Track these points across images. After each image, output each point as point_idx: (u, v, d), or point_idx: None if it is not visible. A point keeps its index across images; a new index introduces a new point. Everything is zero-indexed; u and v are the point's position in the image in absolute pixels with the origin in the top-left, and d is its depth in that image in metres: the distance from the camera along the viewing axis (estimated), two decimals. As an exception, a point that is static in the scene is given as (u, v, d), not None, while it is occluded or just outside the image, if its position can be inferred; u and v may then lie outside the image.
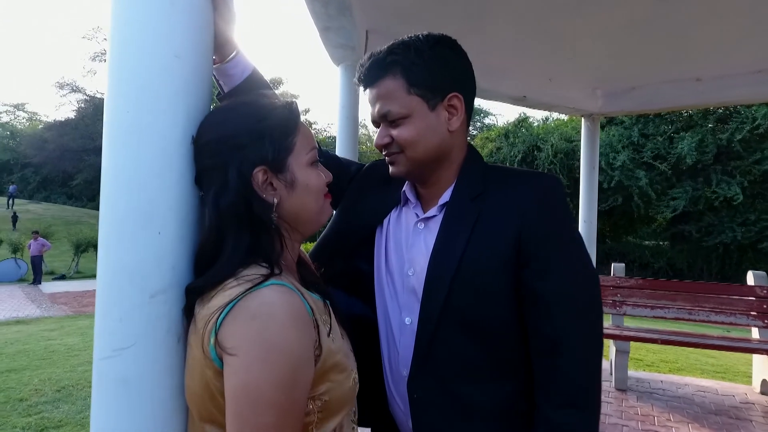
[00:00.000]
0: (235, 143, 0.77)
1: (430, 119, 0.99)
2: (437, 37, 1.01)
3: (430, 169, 1.04)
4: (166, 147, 0.76)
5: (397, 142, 1.00)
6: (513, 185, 1.01)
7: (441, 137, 1.01)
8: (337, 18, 2.75)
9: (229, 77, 0.99)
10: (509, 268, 0.96)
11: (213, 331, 0.68)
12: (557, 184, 1.01)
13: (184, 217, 0.78)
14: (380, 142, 1.02)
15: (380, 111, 0.99)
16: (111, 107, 0.76)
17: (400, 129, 0.99)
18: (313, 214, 0.86)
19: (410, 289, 1.05)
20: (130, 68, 0.76)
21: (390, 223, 1.14)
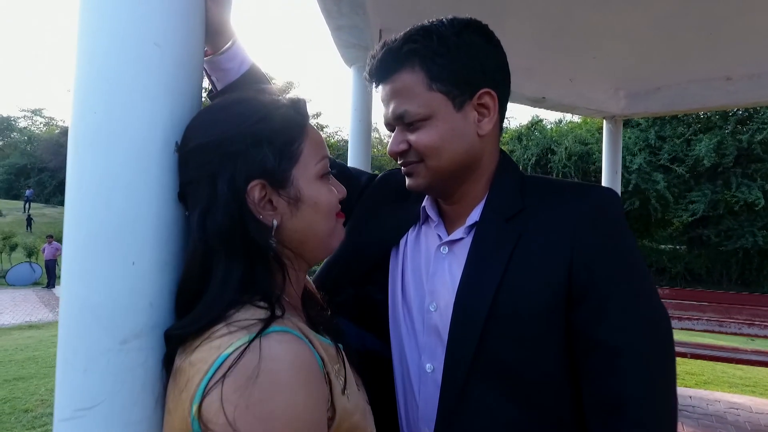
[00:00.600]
0: (226, 151, 0.62)
1: (455, 121, 0.82)
2: (465, 21, 0.83)
3: (455, 182, 0.87)
4: (142, 155, 0.62)
5: (416, 149, 0.83)
6: (560, 202, 0.82)
7: (469, 143, 0.83)
8: (350, 16, 2.62)
9: (223, 72, 0.84)
10: (558, 308, 0.78)
11: (196, 397, 0.53)
12: (615, 200, 0.83)
13: (165, 242, 0.64)
14: (395, 148, 0.84)
15: (395, 111, 0.82)
16: (76, 106, 0.62)
17: (419, 133, 0.82)
18: (322, 238, 0.71)
19: (432, 328, 0.87)
20: (98, 59, 0.61)
21: (407, 244, 0.96)
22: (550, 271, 0.78)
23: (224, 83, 0.85)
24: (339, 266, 0.98)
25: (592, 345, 0.76)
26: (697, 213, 18.44)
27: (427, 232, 0.95)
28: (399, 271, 0.95)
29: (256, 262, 0.63)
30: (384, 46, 0.84)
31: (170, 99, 0.64)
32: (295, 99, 0.69)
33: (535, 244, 0.80)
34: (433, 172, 0.84)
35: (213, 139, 0.63)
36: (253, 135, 0.63)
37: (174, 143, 0.65)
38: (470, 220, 0.87)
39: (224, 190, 0.61)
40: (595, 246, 0.78)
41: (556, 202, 0.83)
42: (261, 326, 0.56)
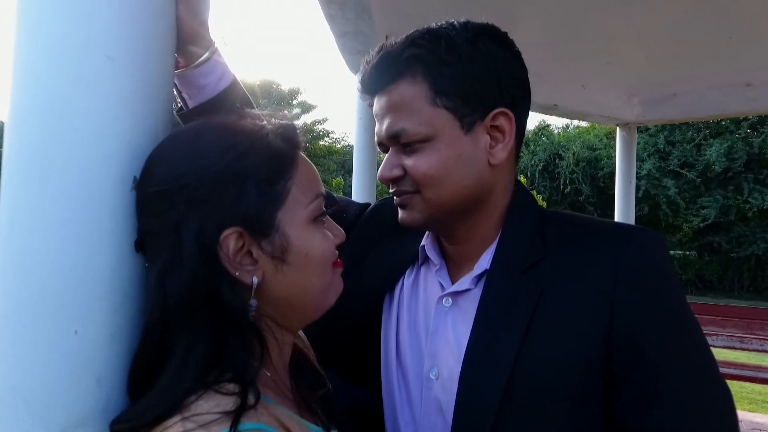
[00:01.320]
0: (194, 194, 0.50)
1: (462, 145, 0.68)
2: (480, 25, 0.70)
3: (458, 219, 0.72)
4: (90, 195, 0.50)
5: (412, 175, 0.68)
6: (592, 249, 0.67)
7: (477, 172, 0.69)
8: (355, 22, 2.52)
9: (197, 89, 0.71)
10: (592, 389, 0.63)
11: None
12: (663, 247, 0.67)
13: (118, 303, 0.51)
14: (387, 174, 0.70)
15: (390, 128, 0.68)
16: (9, 133, 0.50)
17: (417, 157, 0.68)
18: (315, 296, 0.58)
19: (432, 401, 0.72)
20: (35, 76, 0.49)
21: (403, 290, 0.81)
22: (581, 341, 0.63)
23: (197, 101, 0.72)
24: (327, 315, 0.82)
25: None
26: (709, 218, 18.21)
27: (427, 277, 0.80)
28: (393, 324, 0.80)
29: (229, 333, 0.50)
30: (381, 50, 0.70)
31: (127, 124, 0.52)
32: (284, 124, 0.56)
33: (561, 306, 0.65)
34: (432, 206, 0.69)
35: (178, 178, 0.50)
36: (229, 174, 0.51)
37: (132, 178, 0.52)
38: (479, 267, 0.72)
39: (190, 242, 0.49)
40: (642, 309, 0.62)
41: (588, 248, 0.67)
42: (226, 424, 0.43)
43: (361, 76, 0.72)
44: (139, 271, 0.53)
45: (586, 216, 0.75)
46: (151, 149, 0.54)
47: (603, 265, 0.65)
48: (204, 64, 0.68)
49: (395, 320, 0.80)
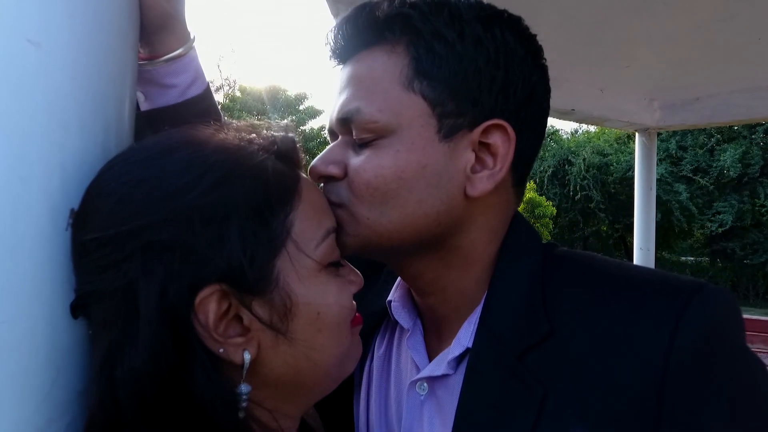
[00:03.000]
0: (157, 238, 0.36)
1: (433, 154, 0.50)
2: (495, 10, 0.52)
3: (413, 260, 0.54)
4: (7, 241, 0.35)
5: (351, 181, 0.50)
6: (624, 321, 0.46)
7: (445, 201, 0.50)
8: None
9: (159, 89, 0.55)
10: None
11: None
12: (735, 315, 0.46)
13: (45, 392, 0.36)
14: (321, 168, 0.51)
15: (343, 108, 0.51)
16: None
17: (366, 156, 0.50)
18: (328, 368, 0.44)
19: None
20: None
21: (373, 363, 0.64)
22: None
23: (156, 104, 0.56)
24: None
25: None
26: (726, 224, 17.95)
27: (400, 346, 0.62)
28: (364, 410, 0.63)
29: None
30: (363, 7, 0.52)
31: (60, 137, 0.37)
32: (279, 138, 0.42)
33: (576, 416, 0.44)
34: (369, 230, 0.50)
35: (131, 217, 0.36)
36: (205, 210, 0.36)
37: (68, 212, 0.38)
38: (458, 343, 0.53)
39: (150, 311, 0.34)
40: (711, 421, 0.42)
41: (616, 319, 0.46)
42: None
43: (331, 35, 0.54)
44: (76, 343, 0.39)
45: (613, 261, 0.53)
46: (97, 169, 0.39)
47: (641, 351, 0.44)
48: (176, 61, 0.53)
49: (365, 403, 0.63)
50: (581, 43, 2.96)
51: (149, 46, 0.53)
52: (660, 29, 2.80)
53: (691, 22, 2.70)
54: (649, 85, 3.80)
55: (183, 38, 0.54)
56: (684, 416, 0.42)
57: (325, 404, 0.54)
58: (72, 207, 0.38)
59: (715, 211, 18.45)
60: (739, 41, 2.91)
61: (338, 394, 0.55)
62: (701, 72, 3.52)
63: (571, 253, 0.55)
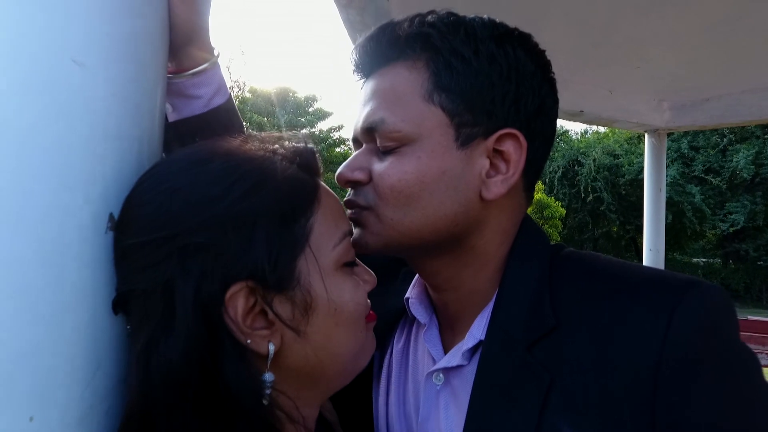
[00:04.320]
0: (188, 240, 0.39)
1: (451, 160, 0.54)
2: (510, 28, 0.57)
3: (432, 257, 0.58)
4: (52, 243, 0.39)
5: (377, 185, 0.54)
6: (624, 314, 0.49)
7: (462, 203, 0.55)
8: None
9: (185, 100, 0.59)
10: None
11: None
12: (727, 310, 0.48)
13: (88, 382, 0.40)
14: (348, 174, 0.56)
15: (368, 118, 0.55)
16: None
17: (390, 162, 0.54)
18: (345, 361, 0.48)
19: None
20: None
21: (393, 356, 0.67)
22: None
23: (182, 115, 0.60)
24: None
25: None
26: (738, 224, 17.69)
27: (418, 339, 0.66)
28: (383, 401, 0.67)
29: (235, 422, 0.39)
30: (386, 26, 0.57)
31: (101, 150, 0.41)
32: (300, 149, 0.45)
33: (579, 401, 0.48)
34: (393, 230, 0.54)
35: (167, 223, 0.40)
36: (234, 217, 0.40)
37: (108, 217, 0.41)
38: (471, 337, 0.57)
39: (186, 304, 0.38)
40: (703, 410, 0.45)
41: (617, 313, 0.50)
42: None
43: (355, 52, 0.59)
44: (116, 337, 0.42)
45: (616, 261, 0.56)
46: (134, 177, 0.43)
47: (639, 342, 0.47)
48: (201, 74, 0.57)
49: (385, 394, 0.67)
50: (590, 44, 2.97)
51: (176, 60, 0.57)
52: (669, 30, 2.80)
53: (700, 23, 2.69)
54: (658, 85, 3.78)
55: (208, 53, 0.58)
56: (677, 402, 0.44)
57: (344, 396, 0.57)
58: (111, 212, 0.42)
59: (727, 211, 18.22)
60: (748, 41, 2.90)
61: (357, 387, 0.60)
62: (711, 72, 3.50)
63: (576, 253, 0.59)
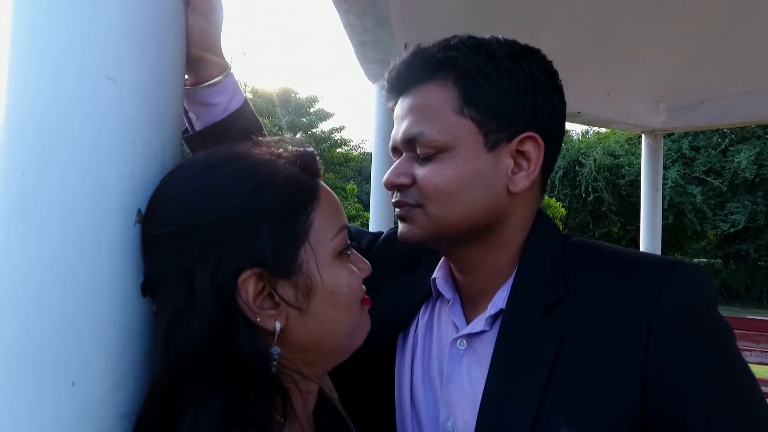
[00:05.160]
0: (207, 234, 0.46)
1: (482, 162, 0.63)
2: (525, 46, 0.66)
3: (466, 245, 0.67)
4: (87, 230, 0.45)
5: (421, 187, 0.63)
6: (623, 287, 0.59)
7: (493, 197, 0.64)
8: (374, 31, 2.49)
9: (206, 108, 0.66)
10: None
11: None
12: (706, 285, 0.59)
13: (120, 353, 0.46)
14: (394, 180, 0.65)
15: (408, 131, 0.64)
16: (2, 165, 0.46)
17: (431, 167, 0.62)
18: (342, 338, 0.53)
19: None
20: (28, 101, 0.45)
21: (417, 329, 0.75)
22: (610, 394, 0.56)
23: (205, 122, 0.67)
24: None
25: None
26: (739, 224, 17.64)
27: (441, 314, 0.74)
28: (408, 367, 0.75)
29: (248, 387, 0.45)
30: (416, 50, 0.66)
31: (130, 152, 0.47)
32: (302, 152, 0.52)
33: (586, 353, 0.58)
34: (436, 223, 0.64)
35: (188, 218, 0.46)
36: (245, 213, 0.46)
37: (136, 211, 0.48)
38: (493, 306, 0.66)
39: (205, 287, 0.44)
40: (685, 359, 0.55)
41: (617, 286, 0.60)
42: None
43: (389, 74, 0.68)
44: (143, 314, 0.49)
45: (614, 246, 0.67)
46: (158, 178, 0.49)
47: (635, 307, 0.57)
48: (218, 84, 0.64)
49: (409, 363, 0.74)
50: (588, 46, 3.03)
51: (194, 73, 0.64)
52: (665, 32, 2.85)
53: (697, 26, 2.75)
54: (655, 87, 3.84)
55: (222, 66, 0.65)
56: (664, 351, 0.55)
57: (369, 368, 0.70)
58: (139, 207, 0.48)
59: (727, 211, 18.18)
60: (743, 44, 2.96)
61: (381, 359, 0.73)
62: (707, 74, 3.56)
63: (582, 240, 0.70)
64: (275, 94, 21.05)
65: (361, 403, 0.73)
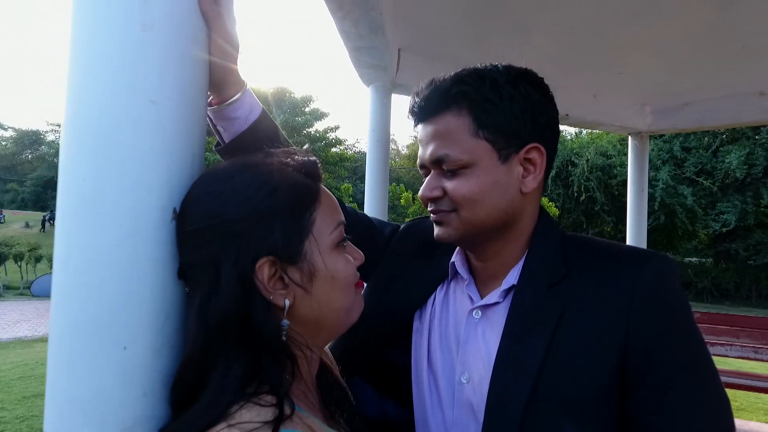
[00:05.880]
0: (229, 231, 0.56)
1: (498, 173, 0.76)
2: (520, 70, 0.79)
3: (489, 238, 0.80)
4: (136, 227, 0.55)
5: (452, 197, 0.77)
6: (611, 270, 0.75)
7: (510, 199, 0.77)
8: (369, 37, 2.57)
9: (230, 122, 0.78)
10: (609, 394, 0.71)
11: None
12: (675, 271, 0.74)
13: (161, 323, 0.57)
14: (428, 194, 0.79)
15: (434, 154, 0.77)
16: (64, 173, 0.56)
17: (457, 180, 0.76)
18: (340, 314, 0.64)
19: (464, 402, 0.79)
20: (87, 120, 0.55)
21: (435, 305, 0.88)
22: (600, 352, 0.70)
23: (232, 134, 0.79)
24: (361, 331, 0.89)
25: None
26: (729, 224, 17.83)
27: (457, 291, 0.87)
28: (425, 335, 0.87)
29: (264, 352, 0.56)
30: (431, 84, 0.79)
31: (168, 161, 0.58)
32: (306, 161, 0.62)
33: (582, 320, 0.72)
34: (467, 224, 0.78)
35: (215, 216, 0.57)
36: (260, 211, 0.57)
37: (172, 210, 0.58)
38: (506, 283, 0.80)
39: (228, 273, 0.55)
40: (655, 326, 0.70)
41: (606, 270, 0.75)
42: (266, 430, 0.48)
43: (411, 106, 0.82)
44: (178, 294, 0.59)
45: (604, 239, 0.82)
46: (188, 181, 0.60)
47: (620, 285, 0.72)
48: (236, 101, 0.75)
49: (427, 332, 0.87)
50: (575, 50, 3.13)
51: (216, 93, 0.75)
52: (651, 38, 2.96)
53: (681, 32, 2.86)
54: (641, 90, 3.95)
55: (239, 85, 0.76)
56: (641, 318, 0.70)
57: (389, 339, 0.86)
58: (174, 207, 0.59)
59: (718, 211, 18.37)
60: (725, 49, 3.07)
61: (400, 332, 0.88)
62: (690, 78, 3.67)
63: (576, 234, 0.84)
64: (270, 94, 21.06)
65: (382, 372, 0.88)
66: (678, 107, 4.09)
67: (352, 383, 0.80)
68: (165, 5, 0.57)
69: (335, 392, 0.69)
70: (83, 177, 0.55)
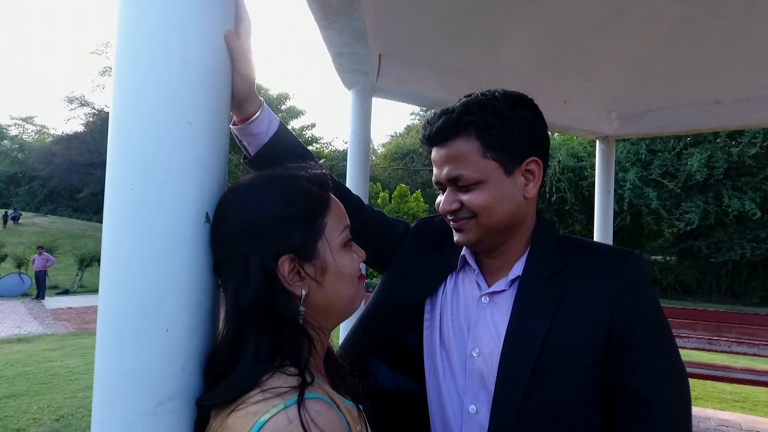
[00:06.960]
0: (258, 232, 0.68)
1: (506, 185, 0.90)
2: (516, 96, 0.92)
3: (500, 239, 0.94)
4: (176, 228, 0.66)
5: (470, 207, 0.90)
6: (599, 265, 0.91)
7: (516, 205, 0.91)
8: (351, 45, 2.67)
9: (253, 137, 0.90)
10: (597, 362, 0.87)
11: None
12: (647, 267, 0.92)
13: (196, 309, 0.68)
14: (448, 207, 0.92)
15: (450, 174, 0.90)
16: (113, 182, 0.66)
17: (472, 194, 0.89)
18: (346, 303, 0.76)
19: (476, 372, 0.92)
20: (135, 139, 0.66)
21: (445, 293, 1.02)
22: (591, 328, 0.87)
23: (256, 147, 0.91)
24: (377, 317, 1.04)
25: (626, 394, 0.86)
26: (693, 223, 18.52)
27: (466, 280, 1.01)
28: (437, 318, 1.00)
29: (285, 333, 0.67)
30: (442, 115, 0.91)
31: (201, 174, 0.69)
32: (318, 173, 0.74)
33: (577, 303, 0.88)
34: (484, 229, 0.91)
35: (245, 221, 0.68)
36: (282, 217, 0.69)
37: (205, 214, 0.69)
38: (512, 274, 0.94)
39: (256, 268, 0.66)
40: (633, 307, 0.87)
41: (595, 264, 0.91)
42: (295, 394, 0.60)
43: (424, 133, 0.94)
44: (210, 285, 0.70)
45: (589, 240, 1.01)
46: (217, 189, 0.71)
47: (607, 277, 0.89)
48: (257, 118, 0.87)
49: (438, 316, 1.00)
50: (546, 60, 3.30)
51: (238, 113, 0.86)
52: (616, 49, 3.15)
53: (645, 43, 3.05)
54: (608, 97, 4.17)
55: (257, 104, 0.87)
56: (623, 304, 0.87)
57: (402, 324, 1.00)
58: (207, 212, 0.69)
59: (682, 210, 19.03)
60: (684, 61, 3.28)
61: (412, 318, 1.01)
62: (653, 87, 3.89)
63: (567, 234, 1.01)
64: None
65: (396, 352, 1.02)
66: (642, 113, 4.32)
67: (369, 362, 0.93)
68: (200, 43, 0.68)
69: (339, 369, 0.80)
70: (131, 187, 0.65)
